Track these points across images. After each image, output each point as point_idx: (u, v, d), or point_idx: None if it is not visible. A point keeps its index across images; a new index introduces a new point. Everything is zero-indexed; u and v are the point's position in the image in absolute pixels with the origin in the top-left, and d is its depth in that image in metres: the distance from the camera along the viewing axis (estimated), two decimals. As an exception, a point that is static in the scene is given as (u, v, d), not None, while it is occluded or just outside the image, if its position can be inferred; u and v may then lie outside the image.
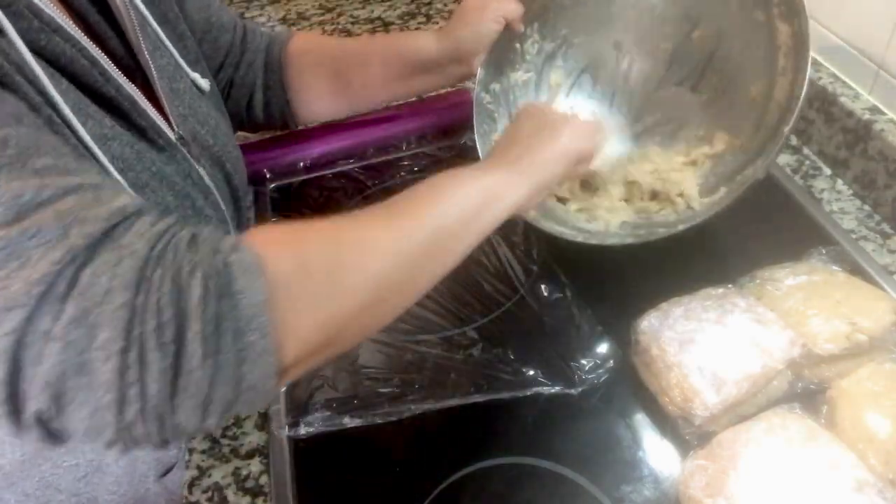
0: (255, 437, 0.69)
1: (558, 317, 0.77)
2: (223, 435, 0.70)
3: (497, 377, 0.71)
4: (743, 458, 0.57)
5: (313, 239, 0.47)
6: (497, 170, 0.59)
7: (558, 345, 0.73)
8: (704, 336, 0.64)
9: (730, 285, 0.70)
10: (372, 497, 0.65)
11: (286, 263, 0.43)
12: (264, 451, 0.68)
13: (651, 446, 0.66)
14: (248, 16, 1.39)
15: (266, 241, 0.44)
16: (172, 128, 0.62)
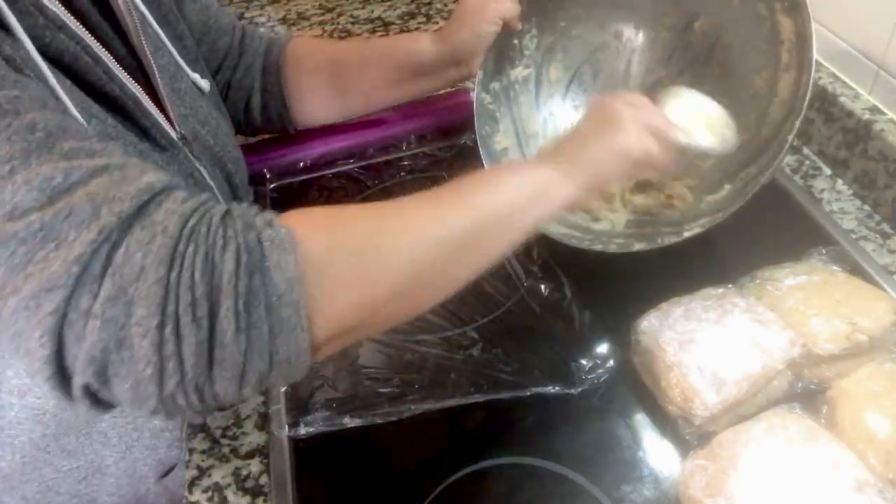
0: (255, 437, 0.69)
1: (558, 317, 0.77)
2: (223, 435, 0.70)
3: (497, 377, 0.71)
4: (743, 458, 0.57)
5: (352, 220, 0.47)
6: (550, 164, 0.57)
7: (558, 345, 0.73)
8: (704, 336, 0.64)
9: (730, 285, 0.70)
10: (372, 497, 0.65)
11: (320, 242, 0.43)
12: (264, 451, 0.68)
13: (651, 446, 0.66)
14: (248, 16, 1.39)
15: (302, 220, 0.44)
16: (174, 127, 0.62)
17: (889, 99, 0.85)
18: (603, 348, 0.73)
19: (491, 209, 0.51)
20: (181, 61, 0.69)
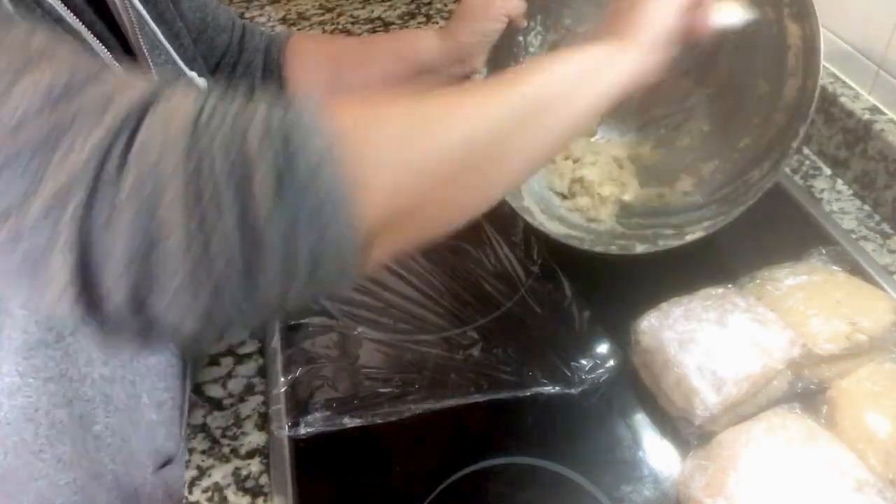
0: (255, 437, 0.69)
1: (558, 317, 0.77)
2: (223, 435, 0.70)
3: (497, 377, 0.71)
4: (743, 458, 0.57)
5: (393, 99, 0.43)
6: (600, 43, 0.54)
7: (558, 345, 0.73)
8: (704, 336, 0.64)
9: (730, 285, 0.70)
10: (372, 497, 0.65)
11: (359, 114, 0.40)
12: (264, 451, 0.68)
13: (651, 446, 0.66)
14: (248, 16, 1.39)
15: (336, 101, 0.40)
16: None
17: (889, 99, 0.85)
18: (603, 348, 0.73)
19: (544, 87, 0.49)
20: (178, 60, 0.69)
